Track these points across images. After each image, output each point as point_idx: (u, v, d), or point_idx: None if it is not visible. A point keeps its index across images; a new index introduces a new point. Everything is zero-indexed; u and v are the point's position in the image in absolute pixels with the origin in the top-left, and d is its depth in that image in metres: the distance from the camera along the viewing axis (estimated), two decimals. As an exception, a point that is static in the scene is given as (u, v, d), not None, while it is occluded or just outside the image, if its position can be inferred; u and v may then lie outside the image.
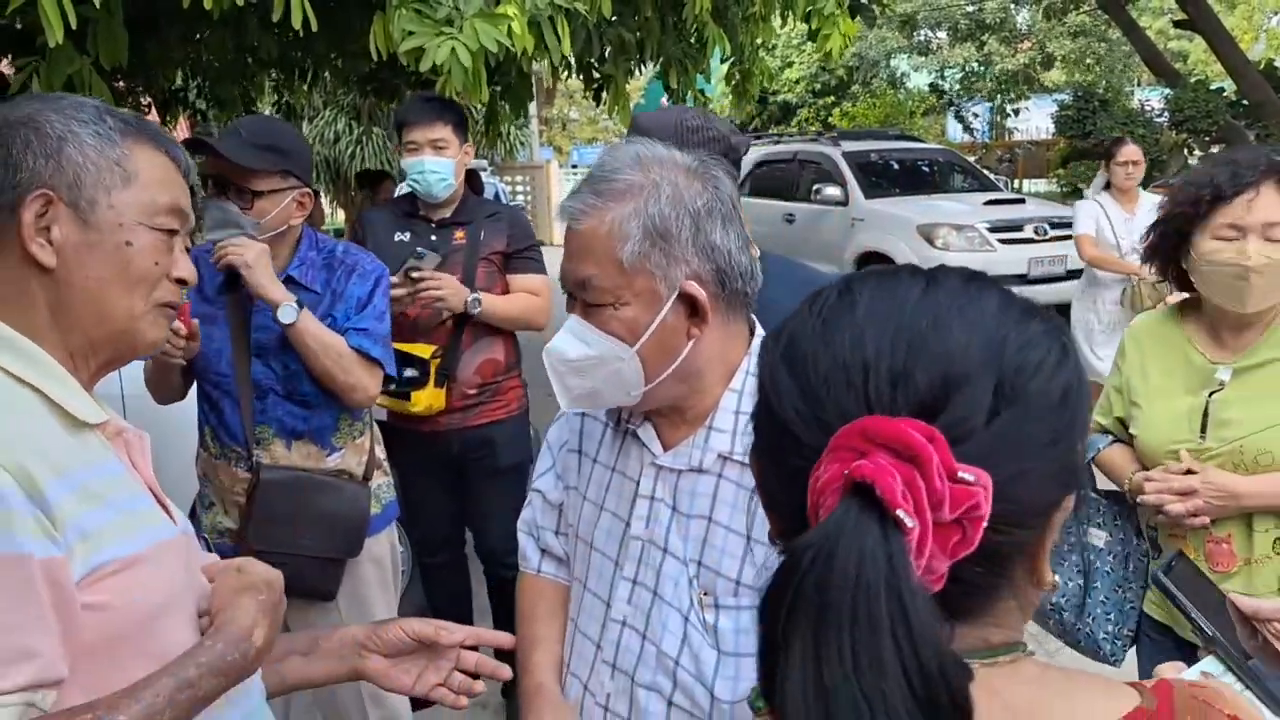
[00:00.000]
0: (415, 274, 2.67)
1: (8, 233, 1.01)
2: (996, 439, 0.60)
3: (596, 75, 5.09)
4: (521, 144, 19.57)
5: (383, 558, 2.37)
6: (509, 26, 2.88)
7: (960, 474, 0.57)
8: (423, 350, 2.79)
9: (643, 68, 5.20)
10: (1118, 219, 5.25)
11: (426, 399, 2.79)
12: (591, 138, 35.13)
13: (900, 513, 0.54)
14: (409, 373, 2.77)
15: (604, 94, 5.08)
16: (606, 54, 4.62)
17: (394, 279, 2.56)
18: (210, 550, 1.18)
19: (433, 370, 2.79)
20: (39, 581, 0.90)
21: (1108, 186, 5.39)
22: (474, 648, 1.32)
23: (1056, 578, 0.66)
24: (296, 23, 2.63)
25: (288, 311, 2.08)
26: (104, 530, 0.98)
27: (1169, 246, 1.91)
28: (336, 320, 2.20)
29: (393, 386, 2.74)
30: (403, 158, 2.84)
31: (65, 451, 0.99)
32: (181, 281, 1.10)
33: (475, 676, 1.32)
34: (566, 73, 4.98)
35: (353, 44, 4.83)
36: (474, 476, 3.02)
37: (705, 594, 1.20)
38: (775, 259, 1.97)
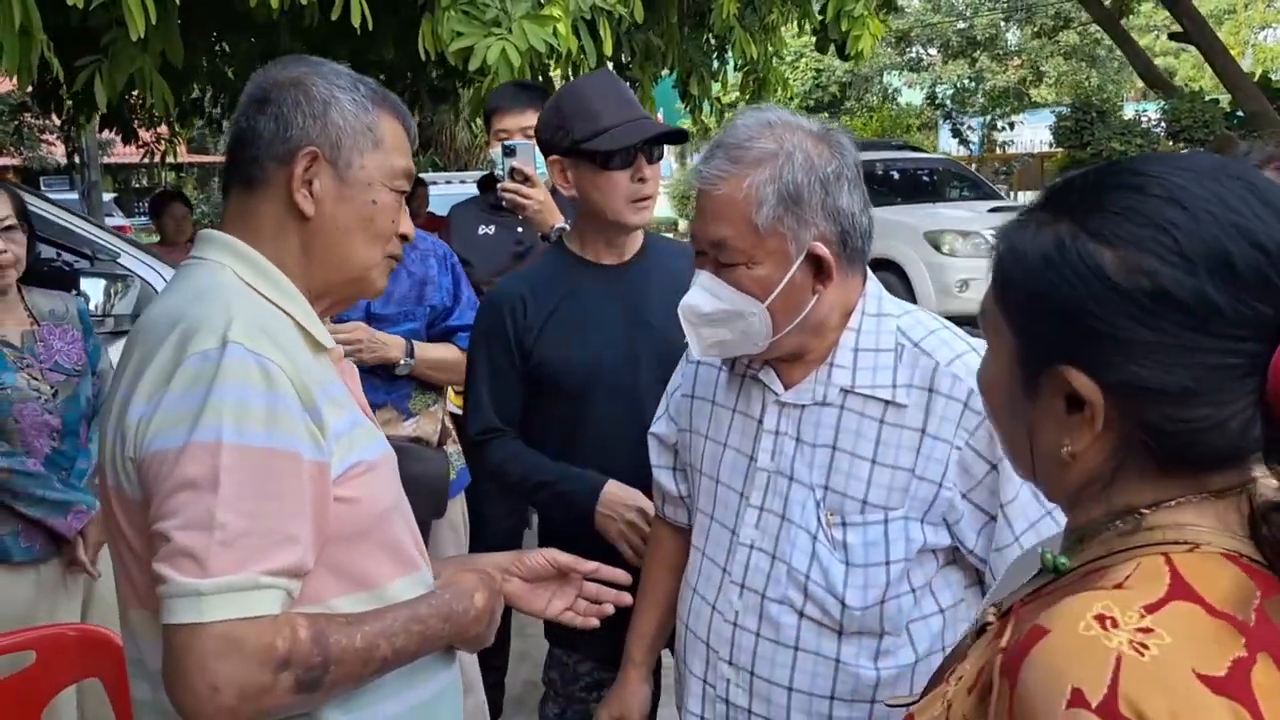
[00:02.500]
0: (518, 165, 2.34)
1: (277, 179, 1.15)
2: None
3: (616, 81, 5.16)
4: (527, 152, 19.51)
5: (457, 522, 2.46)
6: (555, 28, 2.97)
7: None
8: None
9: (661, 75, 5.29)
10: None
11: None
12: (588, 152, 35.15)
13: None
14: None
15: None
16: (631, 60, 4.72)
17: (502, 185, 2.37)
18: None
19: None
20: (306, 480, 1.03)
21: None
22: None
23: None
24: (355, 21, 2.72)
25: (404, 366, 2.22)
26: (353, 435, 1.12)
27: None
28: (424, 298, 2.29)
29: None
30: (491, 147, 2.61)
31: (317, 369, 1.13)
32: (404, 237, 1.23)
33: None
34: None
35: (374, 53, 4.90)
36: None
37: (832, 514, 1.30)
38: None
